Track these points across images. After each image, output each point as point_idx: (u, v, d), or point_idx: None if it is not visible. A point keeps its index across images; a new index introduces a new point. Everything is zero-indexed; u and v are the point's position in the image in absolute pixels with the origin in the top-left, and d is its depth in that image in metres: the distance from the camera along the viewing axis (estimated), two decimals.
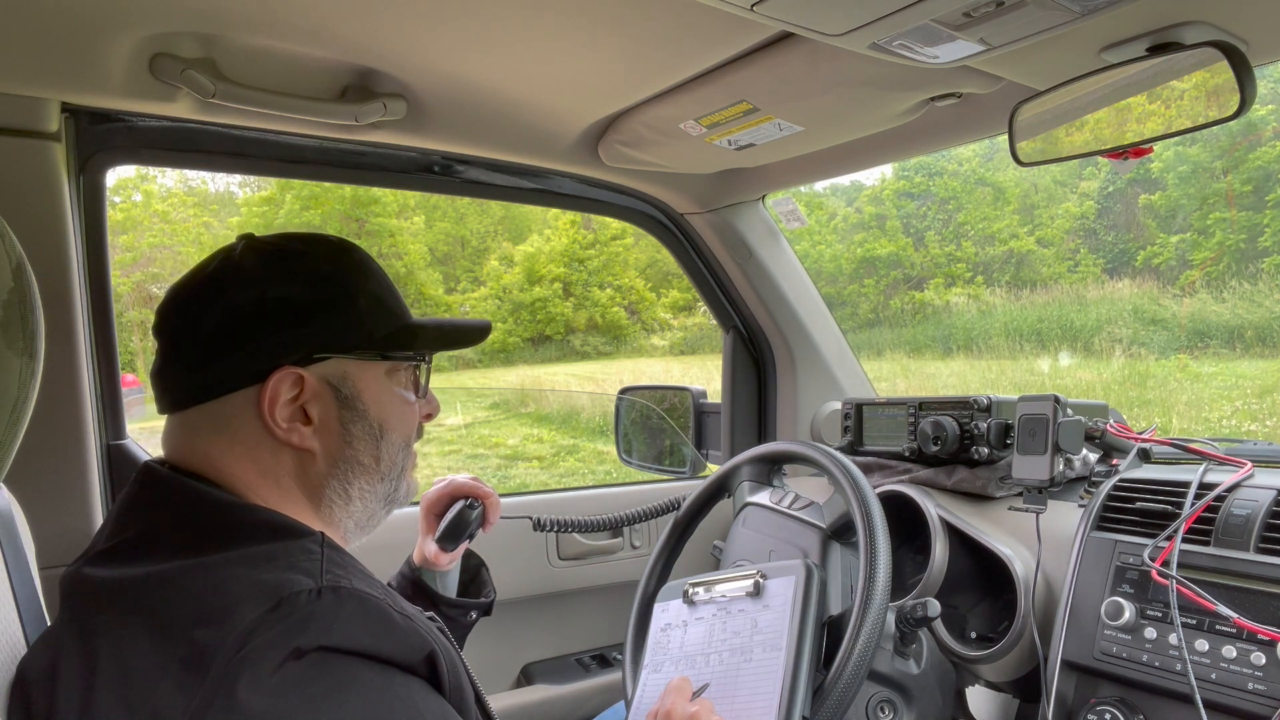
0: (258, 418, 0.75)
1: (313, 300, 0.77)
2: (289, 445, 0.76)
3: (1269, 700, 0.87)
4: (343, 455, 0.80)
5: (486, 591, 1.21)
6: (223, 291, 0.75)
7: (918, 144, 1.40)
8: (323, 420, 0.78)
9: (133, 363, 17.82)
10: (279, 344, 0.75)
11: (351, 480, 0.80)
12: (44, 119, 1.16)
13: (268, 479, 0.76)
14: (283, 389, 0.75)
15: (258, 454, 0.76)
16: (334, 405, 0.78)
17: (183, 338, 0.76)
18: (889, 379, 12.57)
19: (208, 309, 0.75)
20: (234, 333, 0.74)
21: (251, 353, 0.74)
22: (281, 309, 0.75)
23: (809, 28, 0.86)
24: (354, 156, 1.49)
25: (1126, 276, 15.91)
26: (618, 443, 2.23)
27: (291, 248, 0.80)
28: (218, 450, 0.75)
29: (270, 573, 0.64)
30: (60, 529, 1.19)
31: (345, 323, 0.78)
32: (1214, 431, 7.16)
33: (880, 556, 0.94)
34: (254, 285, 0.76)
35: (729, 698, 0.89)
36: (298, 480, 0.78)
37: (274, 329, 0.75)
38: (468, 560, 1.23)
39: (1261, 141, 14.75)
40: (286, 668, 0.59)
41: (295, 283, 0.77)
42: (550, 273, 22.37)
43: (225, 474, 0.75)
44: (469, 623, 1.17)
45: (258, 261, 0.77)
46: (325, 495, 0.79)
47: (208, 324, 0.74)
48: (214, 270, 0.78)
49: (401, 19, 1.00)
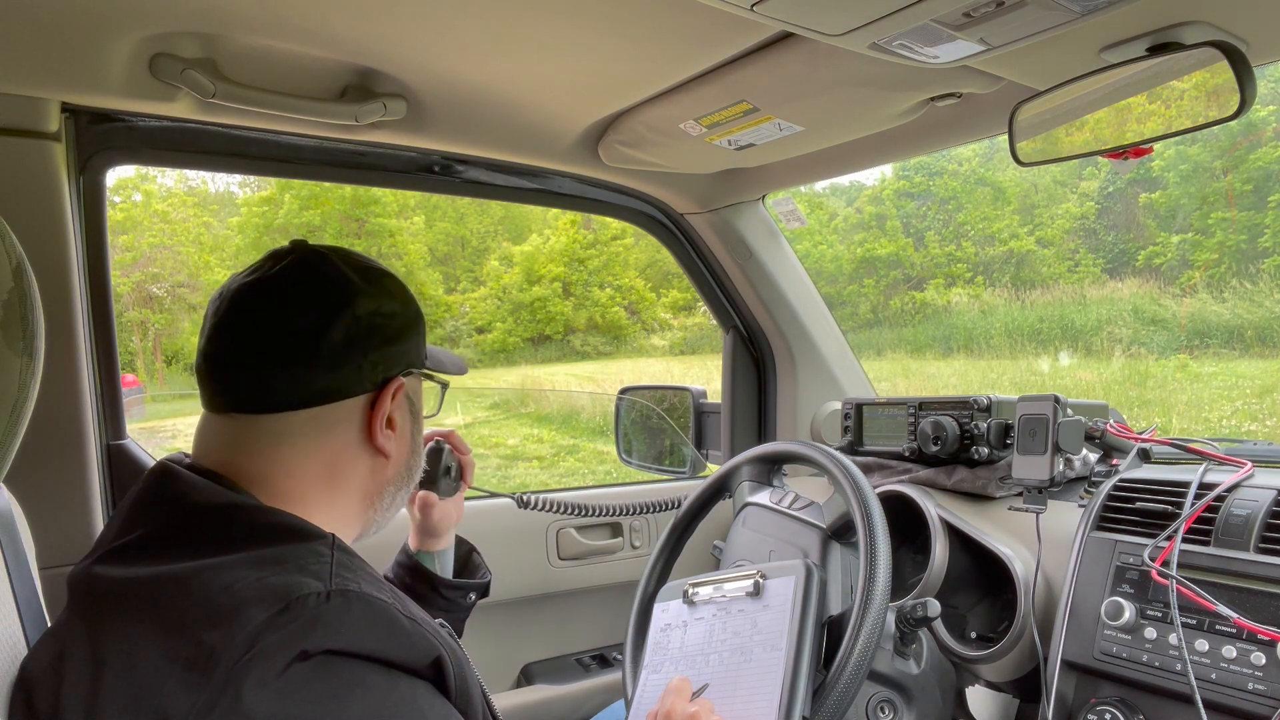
0: (359, 423, 0.80)
1: (406, 318, 0.85)
2: (376, 450, 0.81)
3: (1269, 700, 0.87)
4: (406, 463, 0.87)
5: (481, 573, 1.24)
6: (346, 303, 0.78)
7: (918, 144, 1.40)
8: (401, 429, 0.85)
9: (133, 363, 17.83)
10: (391, 356, 0.82)
11: (401, 486, 0.88)
12: (44, 119, 1.16)
13: (336, 485, 0.79)
14: (389, 397, 0.81)
15: (340, 459, 0.79)
16: (409, 416, 0.86)
17: (299, 343, 0.76)
18: (889, 379, 12.57)
19: (335, 318, 0.77)
20: (359, 342, 0.79)
21: (374, 362, 0.80)
22: (389, 323, 0.82)
23: (809, 28, 0.86)
24: (354, 156, 1.50)
25: (1127, 276, 15.91)
26: (618, 443, 2.23)
27: (371, 264, 0.85)
28: (292, 455, 0.76)
29: (279, 575, 0.64)
30: (60, 529, 1.19)
31: (420, 340, 0.88)
32: (1214, 431, 7.16)
33: (880, 556, 0.94)
34: (371, 299, 0.80)
35: (729, 698, 0.89)
36: (363, 483, 0.82)
37: (387, 342, 0.81)
38: (459, 546, 1.25)
39: (1262, 141, 14.74)
40: (293, 670, 0.59)
41: (395, 300, 0.84)
42: (550, 272, 22.37)
43: (284, 483, 0.76)
44: (468, 604, 1.19)
45: (359, 276, 0.81)
46: (382, 498, 0.85)
47: (338, 332, 0.77)
48: (313, 278, 0.79)
49: (401, 19, 1.00)
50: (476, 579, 1.22)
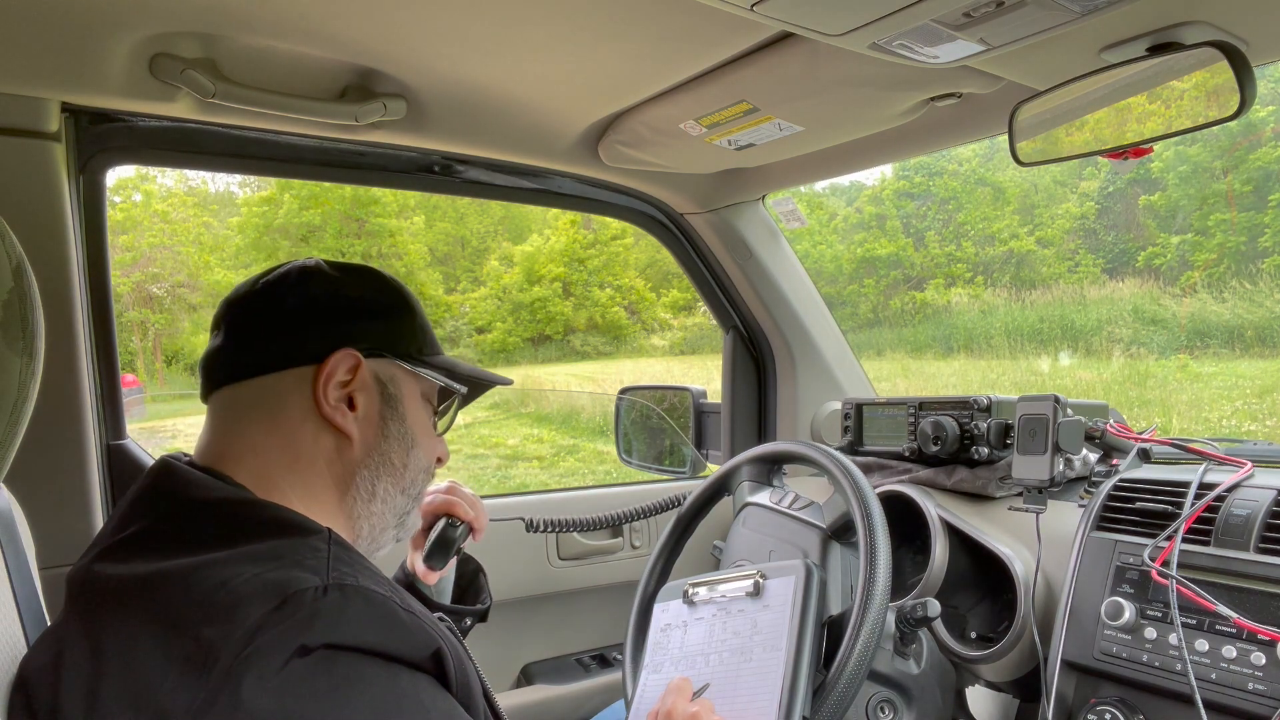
0: (309, 396, 0.79)
1: (380, 303, 0.85)
2: (331, 426, 0.80)
3: (1269, 700, 0.87)
4: (377, 448, 0.84)
5: (483, 598, 1.20)
6: (305, 284, 0.82)
7: (918, 144, 1.40)
8: (366, 411, 0.83)
9: (133, 363, 17.83)
10: (344, 332, 0.82)
11: (380, 476, 0.85)
12: (44, 119, 1.16)
13: (300, 464, 0.79)
14: (339, 370, 0.80)
15: (299, 435, 0.79)
16: (378, 401, 0.84)
17: (255, 318, 0.81)
18: (889, 379, 12.57)
19: (290, 294, 0.81)
20: (308, 316, 0.81)
21: (319, 335, 0.80)
22: (353, 304, 0.83)
23: (809, 28, 0.86)
24: (354, 156, 1.50)
25: (1127, 277, 15.90)
26: (618, 443, 2.23)
27: (364, 266, 0.88)
28: (258, 430, 0.78)
29: (276, 570, 0.64)
30: (60, 529, 1.19)
31: (404, 329, 0.87)
32: (1214, 431, 7.16)
33: (880, 556, 0.94)
34: (333, 283, 0.83)
35: (729, 698, 0.89)
36: (330, 465, 0.81)
37: (344, 319, 0.82)
38: (465, 566, 1.22)
39: (1262, 142, 14.74)
40: (292, 665, 0.59)
41: (368, 287, 0.85)
42: (550, 272, 22.36)
43: (253, 462, 0.77)
44: (464, 628, 1.16)
45: (337, 269, 0.85)
46: (355, 484, 0.83)
47: (289, 304, 0.81)
48: (293, 271, 0.84)
49: (401, 19, 1.00)
50: (477, 603, 1.19)
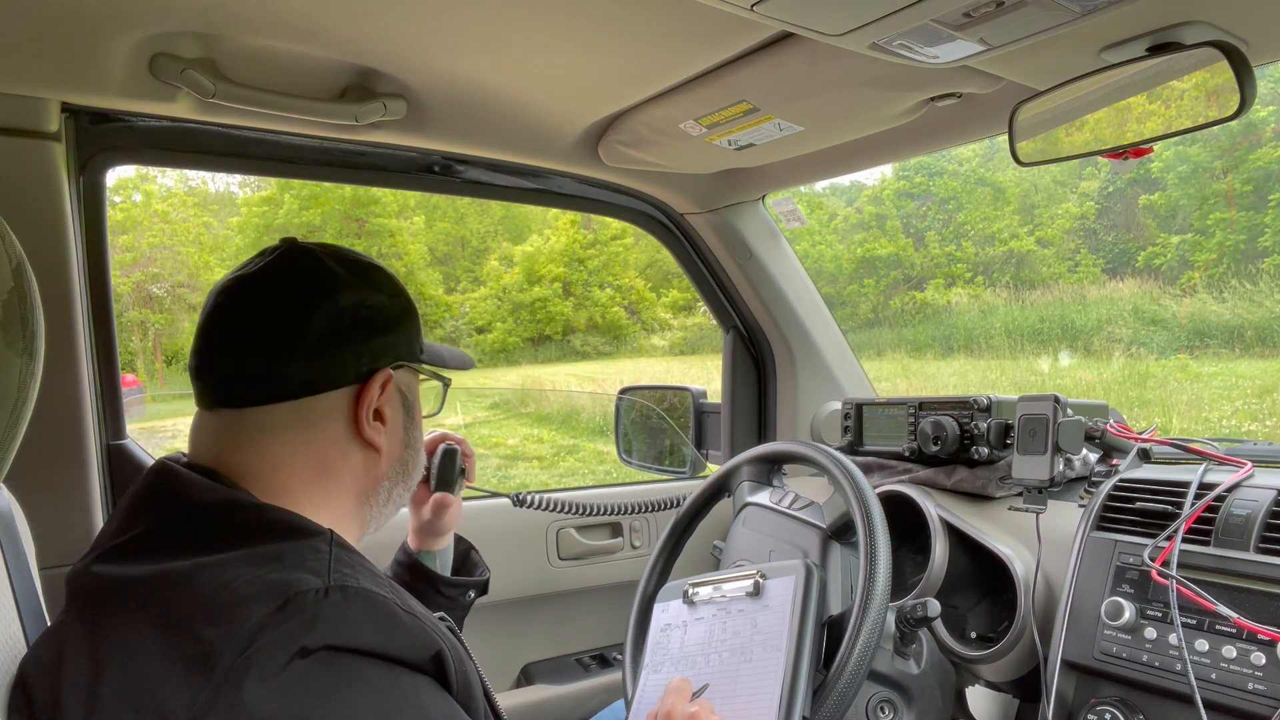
0: (345, 415, 0.79)
1: (395, 310, 0.84)
2: (365, 443, 0.81)
3: (1269, 700, 0.87)
4: (400, 457, 0.86)
5: (480, 571, 1.24)
6: (329, 294, 0.78)
7: (918, 144, 1.40)
8: (392, 423, 0.84)
9: (133, 363, 17.83)
10: (377, 348, 0.81)
11: (397, 482, 0.87)
12: (44, 119, 1.16)
13: (325, 479, 0.79)
14: (376, 389, 0.80)
15: (329, 452, 0.79)
16: (401, 411, 0.86)
17: (279, 335, 0.76)
18: (889, 379, 12.57)
19: (316, 310, 0.77)
20: (338, 338, 0.78)
21: (354, 357, 0.79)
22: (378, 315, 0.81)
23: (809, 28, 0.86)
24: (354, 156, 1.50)
25: (1127, 277, 15.90)
26: (618, 443, 2.23)
27: (360, 259, 0.85)
28: (284, 450, 0.76)
29: (278, 572, 0.64)
30: (60, 529, 1.19)
31: (413, 333, 0.87)
32: (1214, 431, 7.16)
33: (880, 556, 0.94)
34: (355, 290, 0.80)
35: (729, 698, 0.89)
36: (355, 480, 0.82)
37: (372, 334, 0.81)
38: (458, 545, 1.26)
39: (1262, 141, 14.74)
40: (292, 667, 0.59)
41: (383, 292, 0.83)
42: (550, 273, 22.38)
43: (271, 475, 0.76)
44: (467, 602, 1.20)
45: (344, 269, 0.81)
46: (377, 493, 0.84)
47: (319, 323, 0.77)
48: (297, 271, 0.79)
49: (401, 19, 1.00)
50: (475, 577, 1.22)
